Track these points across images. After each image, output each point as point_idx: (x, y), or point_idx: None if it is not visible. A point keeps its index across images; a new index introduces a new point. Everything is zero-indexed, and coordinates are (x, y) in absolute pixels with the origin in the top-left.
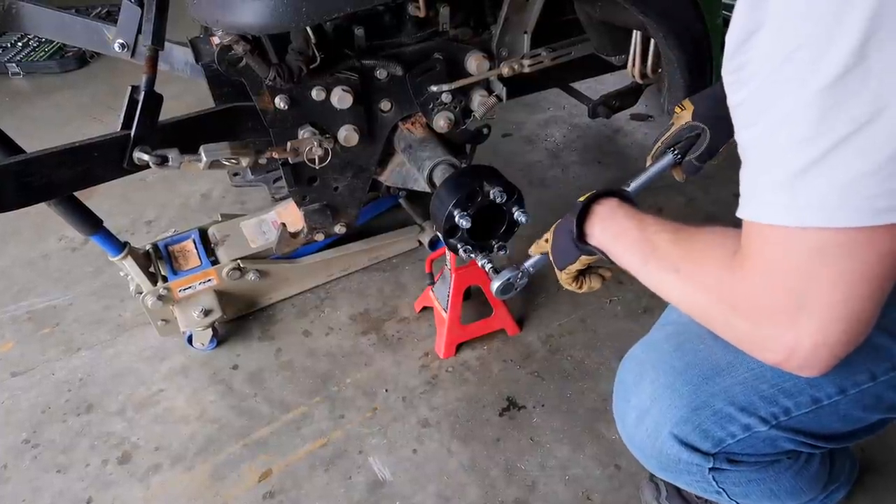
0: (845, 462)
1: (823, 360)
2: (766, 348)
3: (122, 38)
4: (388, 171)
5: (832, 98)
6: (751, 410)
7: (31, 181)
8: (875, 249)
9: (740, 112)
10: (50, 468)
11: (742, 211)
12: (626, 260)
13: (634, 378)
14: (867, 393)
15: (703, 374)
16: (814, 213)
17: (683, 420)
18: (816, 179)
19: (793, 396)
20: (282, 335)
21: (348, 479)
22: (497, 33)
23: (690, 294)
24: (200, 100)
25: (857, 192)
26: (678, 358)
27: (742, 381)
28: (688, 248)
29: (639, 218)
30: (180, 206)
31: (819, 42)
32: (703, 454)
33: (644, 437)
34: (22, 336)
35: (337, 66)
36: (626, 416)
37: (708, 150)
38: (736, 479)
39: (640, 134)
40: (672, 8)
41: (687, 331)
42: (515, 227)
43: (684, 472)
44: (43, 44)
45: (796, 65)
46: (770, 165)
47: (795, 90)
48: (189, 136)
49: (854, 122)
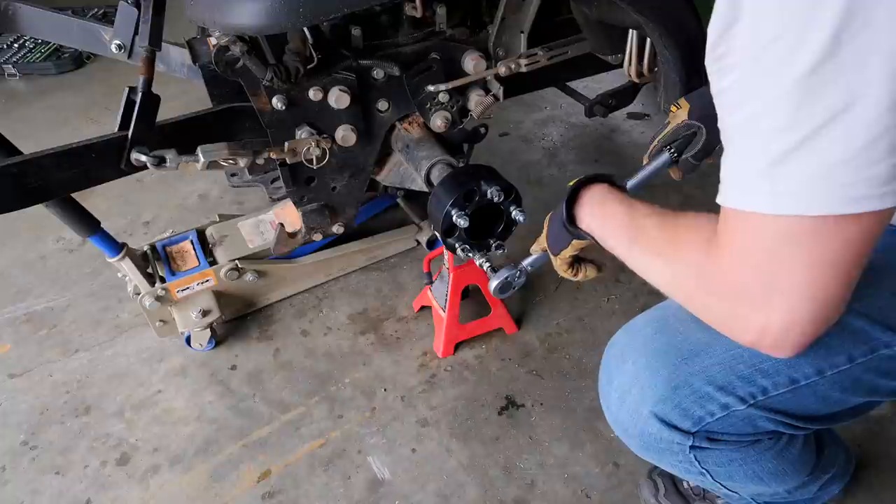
0: (838, 453)
1: (794, 341)
2: (740, 328)
3: (118, 40)
4: (386, 170)
5: (808, 87)
6: (729, 390)
7: (28, 183)
8: (844, 236)
9: (723, 100)
10: (48, 470)
11: (721, 197)
12: (613, 243)
13: (616, 361)
14: (845, 375)
15: (681, 355)
16: (791, 200)
17: (663, 399)
18: (794, 167)
19: (770, 376)
20: (280, 335)
21: (347, 479)
22: (494, 33)
23: (671, 277)
24: (197, 100)
25: (833, 180)
26: (658, 340)
27: (720, 362)
28: (670, 233)
29: (627, 203)
30: (178, 207)
31: (795, 32)
32: (684, 432)
33: (626, 417)
34: (20, 338)
35: (334, 66)
36: (609, 397)
37: (704, 149)
38: (717, 458)
39: (636, 132)
40: (667, 7)
41: (667, 315)
42: (513, 227)
43: (666, 452)
44: (39, 45)
45: (774, 55)
46: (751, 152)
47: (774, 80)
48: (186, 136)
49: (829, 111)
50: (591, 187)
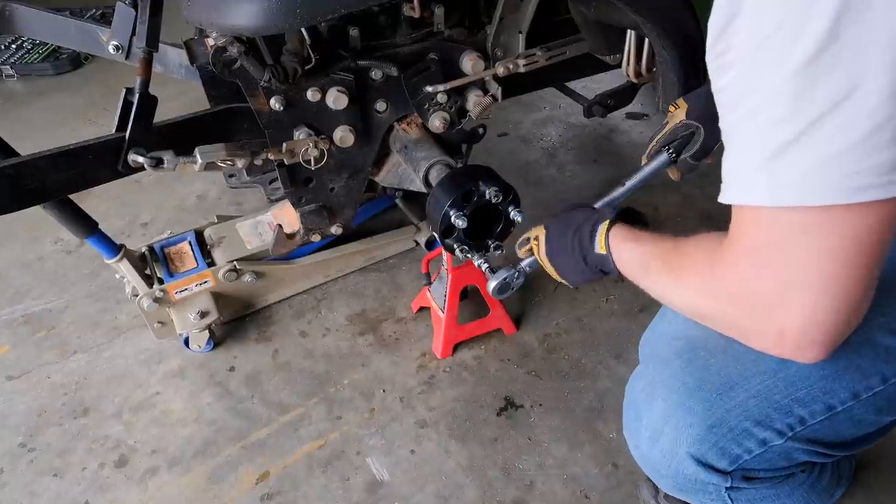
0: (846, 464)
1: (816, 340)
2: (758, 332)
3: (116, 40)
4: (384, 171)
5: (807, 77)
6: (766, 423)
7: (25, 184)
8: (852, 227)
9: (723, 97)
10: (46, 472)
11: (724, 195)
12: (629, 273)
13: (645, 397)
14: (880, 395)
15: (716, 390)
16: (792, 192)
17: (700, 439)
18: (794, 158)
19: (807, 405)
20: (279, 336)
21: (346, 481)
22: (492, 33)
23: (686, 292)
24: (195, 101)
25: (834, 169)
26: (689, 374)
27: (756, 394)
28: (681, 252)
29: (634, 237)
30: (176, 208)
31: (794, 23)
32: (721, 473)
33: (659, 458)
34: (17, 339)
35: (332, 66)
36: (638, 435)
37: (702, 149)
38: (751, 496)
39: (635, 132)
40: (665, 7)
41: (697, 346)
42: (512, 227)
43: (700, 492)
44: (37, 46)
45: (774, 47)
46: (751, 147)
47: (773, 72)
48: (184, 137)
49: (829, 100)
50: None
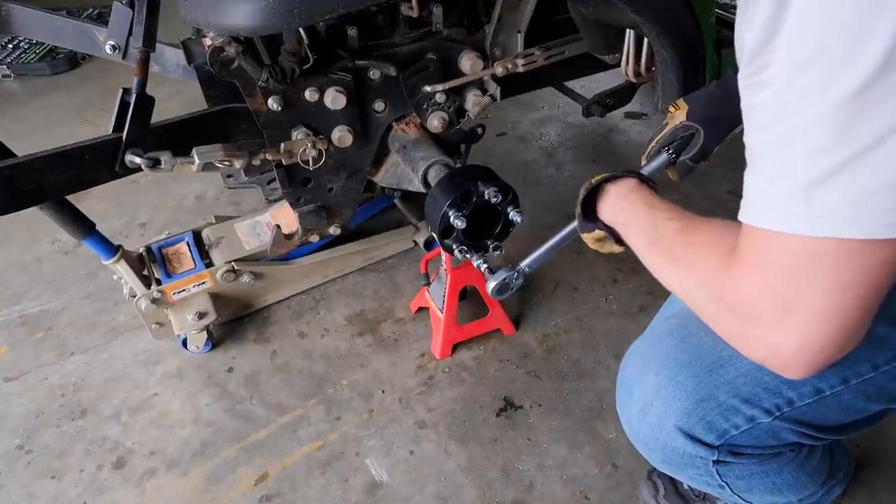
0: (843, 458)
1: (806, 364)
2: (751, 345)
3: (113, 40)
4: (383, 171)
5: (854, 109)
6: (754, 402)
7: (22, 185)
8: (870, 260)
9: (756, 115)
10: (44, 474)
11: (746, 214)
12: (633, 241)
13: (637, 372)
14: (869, 383)
15: (706, 366)
16: (827, 223)
17: (688, 412)
18: (832, 190)
19: (796, 387)
20: (277, 337)
21: (345, 482)
22: (490, 33)
23: (686, 284)
24: (193, 101)
25: (870, 204)
26: (681, 351)
27: (745, 373)
28: (690, 239)
29: (651, 202)
30: (174, 209)
31: (843, 49)
32: (708, 446)
33: (648, 431)
34: (15, 340)
35: (330, 66)
36: (629, 409)
37: (702, 151)
38: (739, 472)
39: (634, 132)
40: (664, 7)
41: (690, 324)
42: (511, 227)
43: (688, 466)
44: (34, 46)
45: (818, 71)
46: (784, 172)
47: (817, 97)
48: (181, 138)
49: (875, 134)
50: (618, 181)
